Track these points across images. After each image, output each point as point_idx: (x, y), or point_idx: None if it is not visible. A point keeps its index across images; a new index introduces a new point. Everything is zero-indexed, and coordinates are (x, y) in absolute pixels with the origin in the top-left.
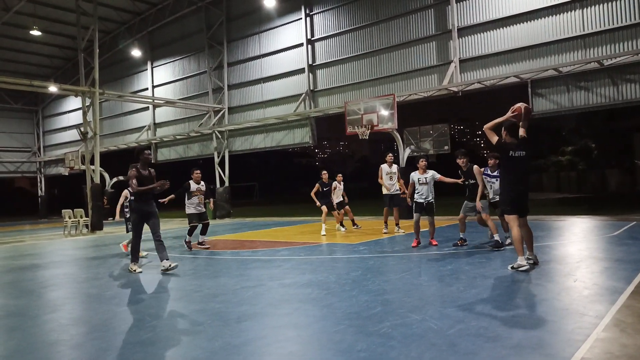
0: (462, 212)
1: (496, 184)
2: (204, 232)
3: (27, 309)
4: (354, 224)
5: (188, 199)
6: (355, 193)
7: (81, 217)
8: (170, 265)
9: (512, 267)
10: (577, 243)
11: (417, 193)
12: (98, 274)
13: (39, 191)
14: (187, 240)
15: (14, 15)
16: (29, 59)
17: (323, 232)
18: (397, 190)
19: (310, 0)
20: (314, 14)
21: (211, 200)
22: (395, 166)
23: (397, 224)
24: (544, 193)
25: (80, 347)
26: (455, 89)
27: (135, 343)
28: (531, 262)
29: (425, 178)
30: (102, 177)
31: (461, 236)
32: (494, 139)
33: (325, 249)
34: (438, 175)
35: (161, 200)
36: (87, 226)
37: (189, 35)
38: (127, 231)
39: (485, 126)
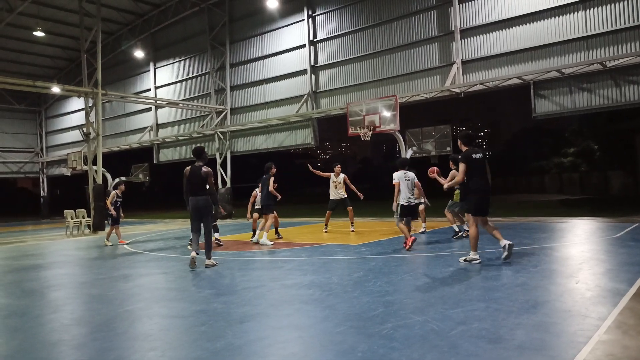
0: (452, 209)
1: None
2: (216, 230)
3: (30, 309)
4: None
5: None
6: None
7: (83, 217)
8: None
9: (465, 260)
10: (579, 245)
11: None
12: (100, 274)
13: (42, 191)
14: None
15: (18, 16)
16: (32, 60)
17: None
18: (344, 195)
19: (312, 1)
20: (317, 15)
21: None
22: (342, 176)
23: (352, 223)
24: (546, 194)
25: (82, 348)
26: (457, 90)
27: (137, 344)
28: (506, 253)
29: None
30: (104, 177)
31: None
32: (460, 178)
33: (327, 250)
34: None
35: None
36: (89, 226)
37: (192, 36)
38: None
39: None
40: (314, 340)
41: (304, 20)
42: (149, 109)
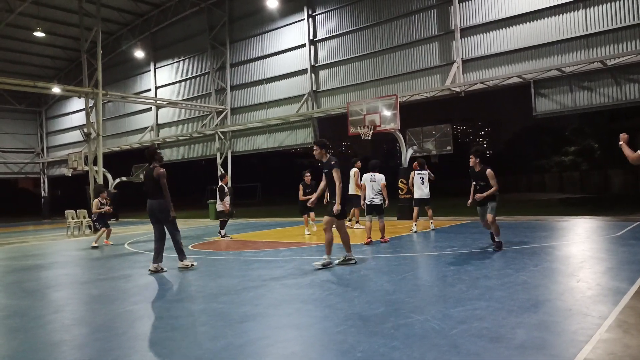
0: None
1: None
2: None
3: (30, 309)
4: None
5: (222, 199)
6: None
7: (84, 217)
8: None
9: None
10: (580, 243)
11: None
12: (101, 275)
13: (42, 192)
14: (224, 233)
15: (18, 16)
16: (33, 60)
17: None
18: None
19: (312, 1)
20: (317, 14)
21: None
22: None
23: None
24: (547, 193)
25: (82, 348)
26: (457, 90)
27: (137, 344)
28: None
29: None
30: (105, 177)
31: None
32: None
33: None
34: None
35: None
36: (90, 227)
37: (192, 36)
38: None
39: None
40: (315, 339)
41: (304, 19)
42: (150, 109)
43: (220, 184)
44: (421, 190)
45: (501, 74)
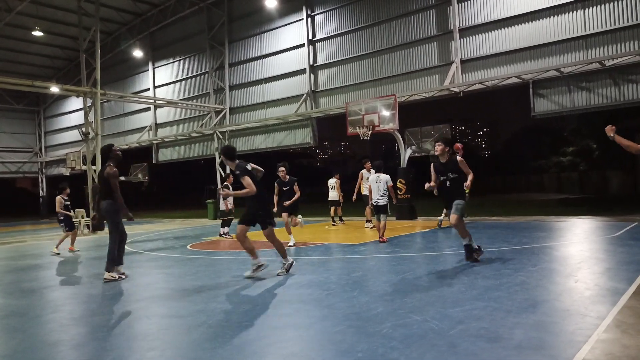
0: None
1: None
2: (228, 225)
3: (29, 309)
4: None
5: (225, 199)
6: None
7: (82, 217)
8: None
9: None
10: (578, 244)
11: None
12: (99, 275)
13: (41, 191)
14: (225, 232)
15: (16, 16)
16: (31, 59)
17: (291, 243)
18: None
19: (311, 0)
20: (315, 14)
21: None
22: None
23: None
24: (546, 194)
25: (81, 348)
26: (456, 90)
27: (136, 344)
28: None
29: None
30: None
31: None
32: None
33: (326, 250)
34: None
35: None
36: (88, 226)
37: (191, 36)
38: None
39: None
40: (313, 339)
41: (302, 19)
42: (148, 109)
43: (225, 183)
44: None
45: (500, 74)
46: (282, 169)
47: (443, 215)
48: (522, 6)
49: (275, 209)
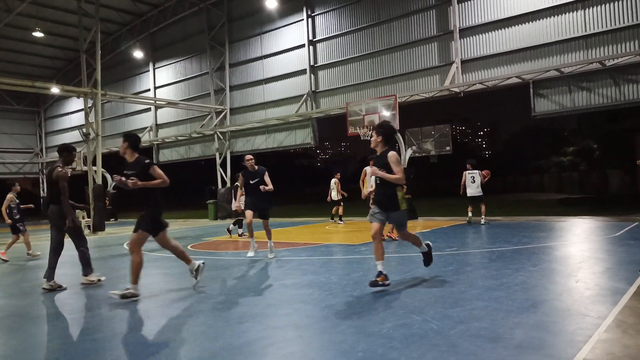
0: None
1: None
2: (240, 226)
3: (29, 309)
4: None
5: (236, 198)
6: (357, 193)
7: (83, 218)
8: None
9: (124, 295)
10: (578, 244)
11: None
12: (99, 275)
13: (41, 192)
14: (240, 232)
15: (16, 17)
16: (31, 60)
17: (250, 253)
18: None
19: (311, 1)
20: (316, 15)
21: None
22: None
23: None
24: (546, 193)
25: (80, 348)
26: (457, 90)
27: (136, 344)
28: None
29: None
30: (104, 178)
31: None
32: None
33: (326, 250)
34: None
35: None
36: (89, 227)
37: (191, 36)
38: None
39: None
40: (314, 339)
41: (303, 20)
42: (149, 109)
43: (236, 183)
44: (471, 188)
45: (500, 74)
46: (250, 156)
47: (470, 213)
48: (522, 6)
49: (238, 206)
